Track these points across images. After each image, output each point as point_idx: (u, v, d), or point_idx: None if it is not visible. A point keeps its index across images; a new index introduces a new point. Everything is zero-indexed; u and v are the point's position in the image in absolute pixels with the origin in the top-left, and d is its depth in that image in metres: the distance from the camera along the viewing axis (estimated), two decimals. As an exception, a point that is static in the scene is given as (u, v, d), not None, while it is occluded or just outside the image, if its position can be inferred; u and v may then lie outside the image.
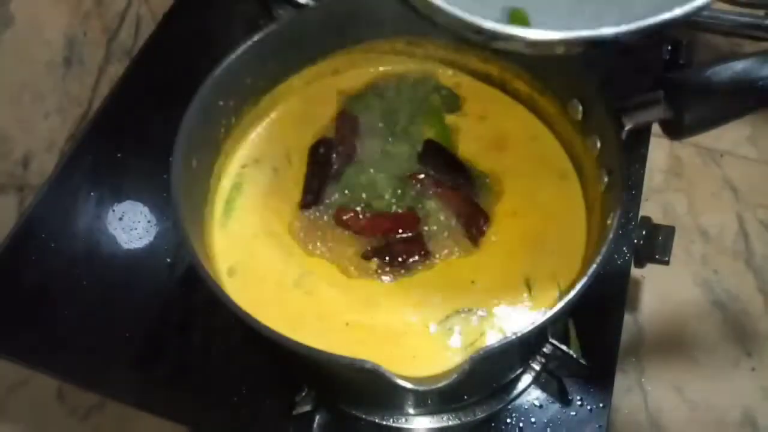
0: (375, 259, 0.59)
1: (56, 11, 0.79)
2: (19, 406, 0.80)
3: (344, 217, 0.61)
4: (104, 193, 0.77)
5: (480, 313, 0.57)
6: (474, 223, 0.60)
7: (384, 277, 0.59)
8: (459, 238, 0.60)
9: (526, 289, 0.59)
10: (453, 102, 0.68)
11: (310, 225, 0.61)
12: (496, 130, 0.67)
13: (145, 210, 0.75)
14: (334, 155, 0.64)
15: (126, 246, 0.73)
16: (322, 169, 0.64)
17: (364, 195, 0.62)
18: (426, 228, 0.61)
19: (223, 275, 0.59)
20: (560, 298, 0.57)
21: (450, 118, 0.67)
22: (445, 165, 0.63)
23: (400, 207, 0.61)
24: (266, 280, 0.59)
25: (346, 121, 0.67)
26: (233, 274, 0.59)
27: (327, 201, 0.62)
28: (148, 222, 0.75)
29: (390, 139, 0.65)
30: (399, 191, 0.62)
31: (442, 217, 0.61)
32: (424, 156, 0.64)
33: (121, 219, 0.75)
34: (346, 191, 0.62)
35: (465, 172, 0.63)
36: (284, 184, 0.64)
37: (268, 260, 0.60)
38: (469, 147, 0.66)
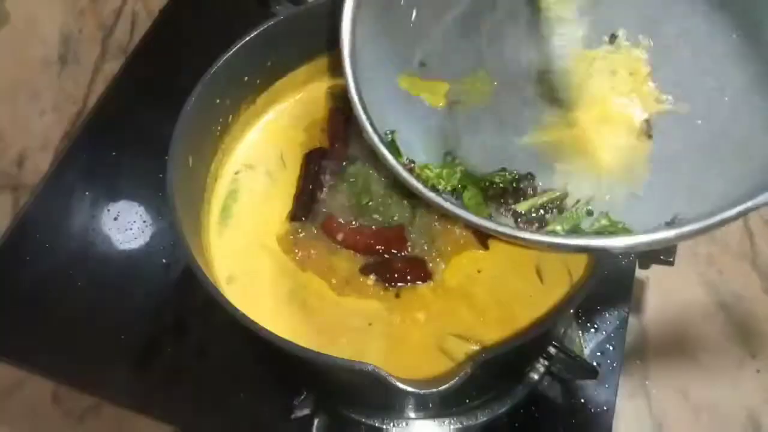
0: (372, 276, 0.58)
1: (52, 9, 0.79)
2: (14, 408, 0.79)
3: (330, 228, 0.59)
4: (99, 193, 0.76)
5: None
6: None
7: (381, 292, 0.57)
8: (467, 241, 0.59)
9: (537, 278, 0.58)
10: None
11: (301, 237, 0.60)
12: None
13: (141, 210, 0.75)
14: (327, 165, 0.63)
15: (121, 246, 0.73)
16: (314, 180, 0.62)
17: (359, 205, 0.60)
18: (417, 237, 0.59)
19: (222, 282, 0.58)
20: (571, 284, 0.56)
21: None
22: None
23: (400, 217, 0.60)
24: (264, 290, 0.58)
25: (338, 122, 0.65)
26: (232, 282, 0.58)
27: (319, 212, 0.61)
28: (144, 222, 0.74)
29: None
30: (392, 201, 0.60)
31: (444, 225, 0.60)
32: None
33: (116, 219, 0.74)
34: (337, 201, 0.61)
35: None
36: (278, 191, 0.63)
37: (263, 271, 0.59)
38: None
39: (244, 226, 0.61)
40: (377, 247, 0.58)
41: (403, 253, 0.58)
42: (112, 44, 0.88)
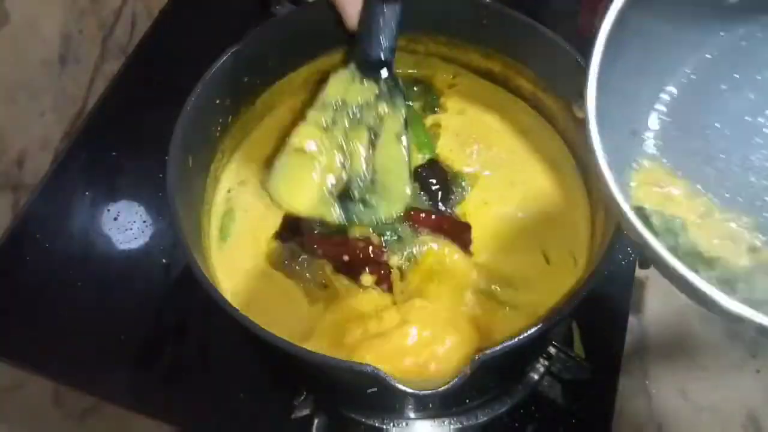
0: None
1: (52, 9, 0.79)
2: (14, 409, 0.79)
3: (311, 243, 0.59)
4: (99, 193, 0.76)
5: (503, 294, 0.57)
6: (461, 236, 0.60)
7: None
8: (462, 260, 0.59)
9: (544, 261, 0.58)
10: (432, 102, 0.67)
11: (289, 255, 0.60)
12: (479, 122, 0.66)
13: (141, 210, 0.75)
14: None
15: (121, 246, 0.73)
16: None
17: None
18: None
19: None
20: (575, 267, 0.57)
21: (431, 119, 0.67)
22: (434, 186, 0.63)
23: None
24: (263, 302, 0.58)
25: None
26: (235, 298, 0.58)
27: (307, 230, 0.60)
28: (144, 222, 0.74)
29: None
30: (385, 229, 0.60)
31: (436, 246, 0.60)
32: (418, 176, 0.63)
33: (116, 219, 0.74)
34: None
35: (448, 190, 0.62)
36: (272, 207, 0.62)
37: (263, 290, 0.59)
38: (447, 143, 0.65)
39: (243, 245, 0.61)
40: (357, 252, 0.58)
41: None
42: (112, 45, 0.87)
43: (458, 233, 0.60)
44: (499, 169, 0.64)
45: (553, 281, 0.57)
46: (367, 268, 0.58)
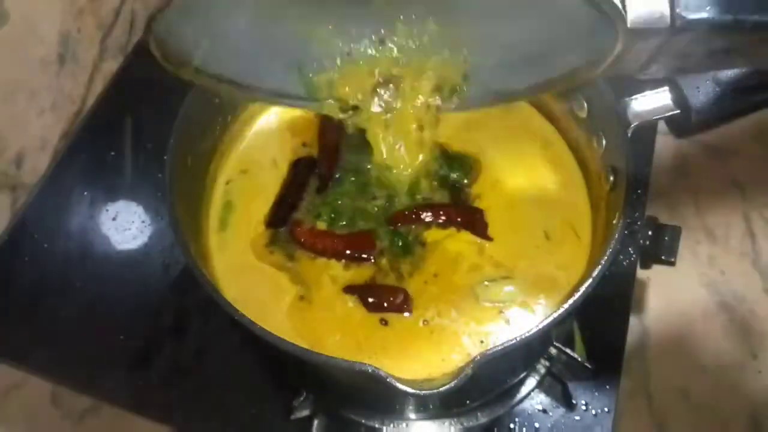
0: (355, 297, 0.57)
1: (50, 8, 0.78)
2: (12, 409, 0.78)
3: (298, 233, 0.59)
4: (98, 193, 0.76)
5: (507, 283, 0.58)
6: (476, 223, 0.60)
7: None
8: (469, 240, 0.60)
9: (545, 241, 0.59)
10: None
11: (277, 245, 0.60)
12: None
13: (139, 210, 0.74)
14: (312, 175, 0.63)
15: (119, 246, 0.72)
16: (298, 190, 0.62)
17: (343, 223, 0.60)
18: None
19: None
20: (578, 240, 0.57)
21: None
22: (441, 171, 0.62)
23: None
24: (264, 301, 0.58)
25: (330, 131, 0.64)
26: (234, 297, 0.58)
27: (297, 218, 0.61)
28: (142, 222, 0.74)
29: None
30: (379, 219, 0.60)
31: (444, 235, 0.60)
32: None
33: (114, 219, 0.74)
34: (321, 215, 0.61)
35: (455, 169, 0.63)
36: (271, 195, 0.62)
37: (259, 279, 0.59)
38: (445, 130, 0.64)
39: (241, 235, 0.61)
40: (346, 252, 0.58)
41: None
42: (111, 44, 0.87)
43: (471, 220, 0.60)
44: (499, 150, 0.64)
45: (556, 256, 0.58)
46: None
